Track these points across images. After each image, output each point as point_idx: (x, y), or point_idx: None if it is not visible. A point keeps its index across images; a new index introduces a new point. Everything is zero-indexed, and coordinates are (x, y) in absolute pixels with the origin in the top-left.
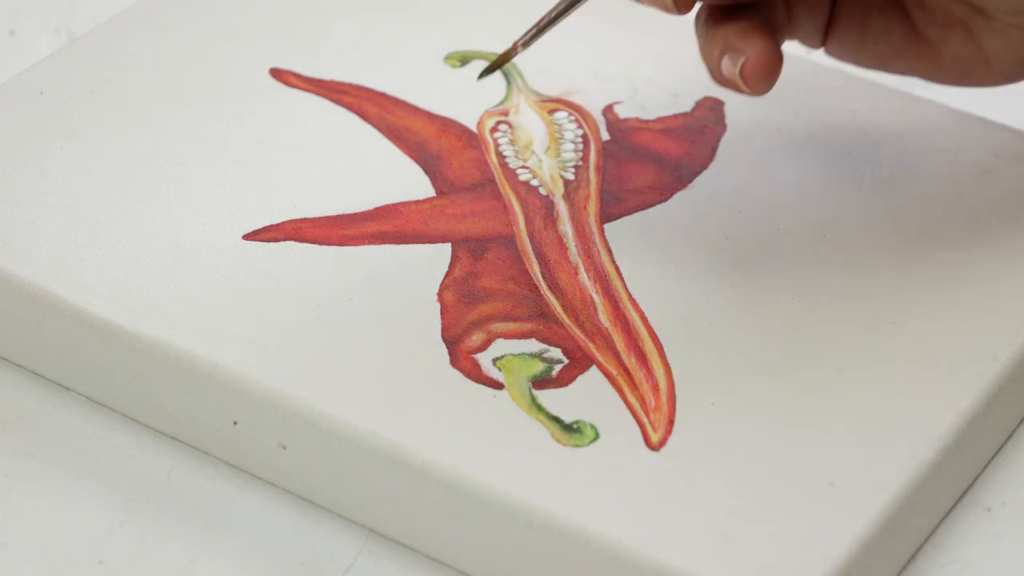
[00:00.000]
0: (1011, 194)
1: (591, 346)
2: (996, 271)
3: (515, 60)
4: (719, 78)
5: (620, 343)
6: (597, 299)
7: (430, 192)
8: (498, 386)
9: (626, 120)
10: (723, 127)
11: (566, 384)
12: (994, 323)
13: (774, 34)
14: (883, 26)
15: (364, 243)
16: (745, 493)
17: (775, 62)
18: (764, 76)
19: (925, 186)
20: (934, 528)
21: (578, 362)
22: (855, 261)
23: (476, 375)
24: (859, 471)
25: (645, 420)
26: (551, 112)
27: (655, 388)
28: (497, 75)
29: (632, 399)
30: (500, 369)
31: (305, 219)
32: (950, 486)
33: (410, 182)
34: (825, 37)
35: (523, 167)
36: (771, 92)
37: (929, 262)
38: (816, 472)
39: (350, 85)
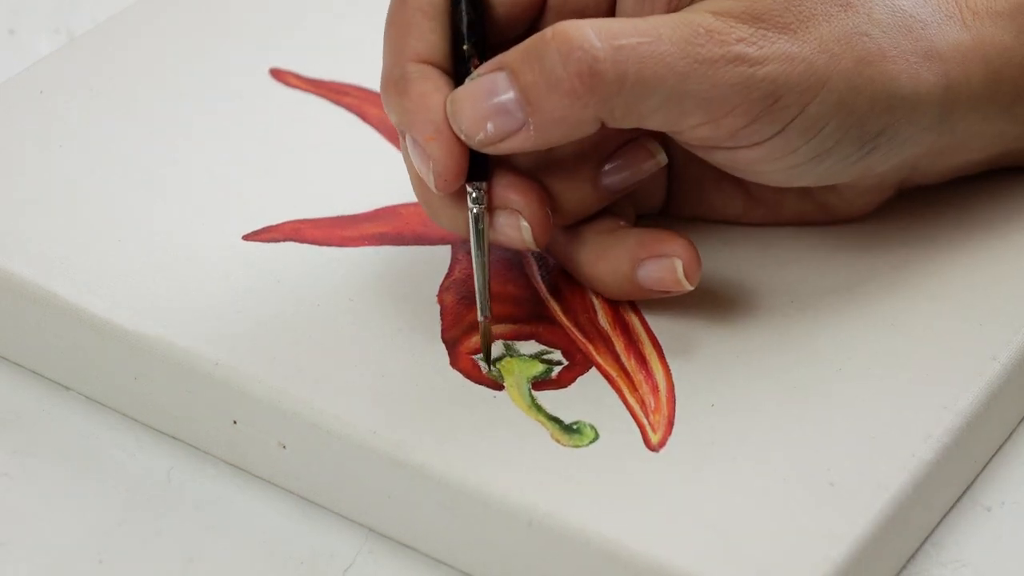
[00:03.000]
0: (1011, 194)
1: (591, 348)
2: (996, 271)
3: None
4: (635, 291)
5: (619, 345)
6: (596, 302)
7: None
8: (498, 387)
9: None
10: None
11: (566, 385)
12: (993, 323)
13: (682, 234)
14: (719, 194)
15: (364, 244)
16: (745, 493)
17: (694, 246)
18: (698, 265)
19: (920, 187)
20: (934, 527)
21: (578, 364)
22: (854, 261)
23: (476, 376)
24: (859, 471)
25: (645, 421)
26: None
27: (655, 390)
28: None
29: (632, 400)
30: (500, 370)
31: (305, 220)
32: (950, 486)
33: (410, 183)
34: (666, 203)
35: None
36: None
37: (928, 262)
38: (816, 472)
39: (350, 86)
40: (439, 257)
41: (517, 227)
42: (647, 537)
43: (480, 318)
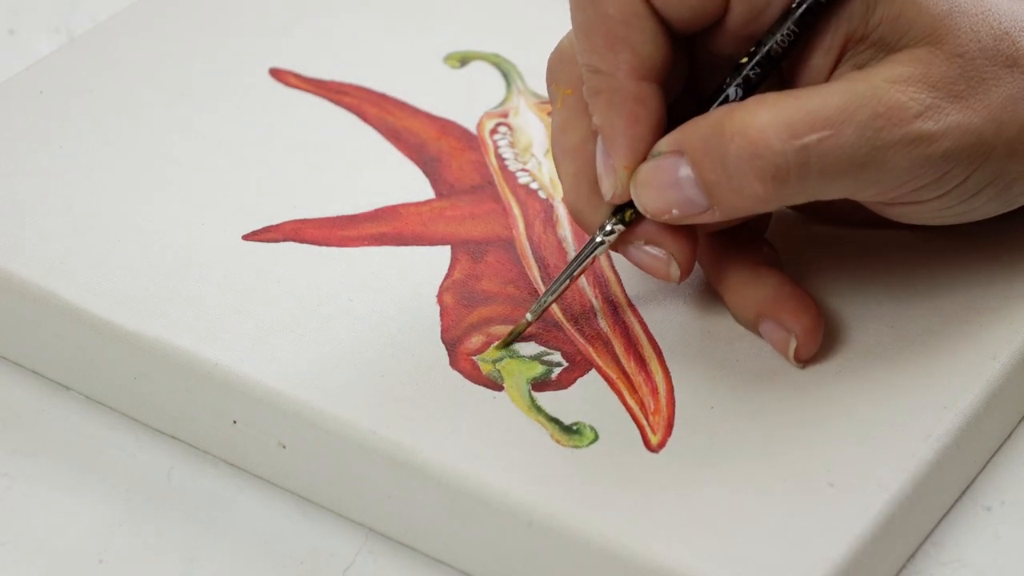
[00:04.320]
0: None
1: (590, 350)
2: (995, 271)
3: (514, 61)
4: (752, 331)
5: (619, 348)
6: (596, 304)
7: (429, 194)
8: (498, 388)
9: None
10: None
11: (565, 386)
12: (993, 323)
13: (804, 295)
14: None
15: (363, 244)
16: (745, 493)
17: (820, 329)
18: (813, 348)
19: None
20: (934, 527)
21: (577, 365)
22: (854, 261)
23: (476, 377)
24: (858, 471)
25: (644, 422)
26: (551, 114)
27: (654, 392)
28: (496, 75)
29: (631, 402)
30: (500, 371)
31: (305, 220)
32: (949, 485)
33: (409, 184)
34: None
35: (523, 170)
36: None
37: (928, 262)
38: (815, 472)
39: (350, 85)
40: (439, 257)
41: (666, 265)
42: (647, 537)
43: (528, 316)
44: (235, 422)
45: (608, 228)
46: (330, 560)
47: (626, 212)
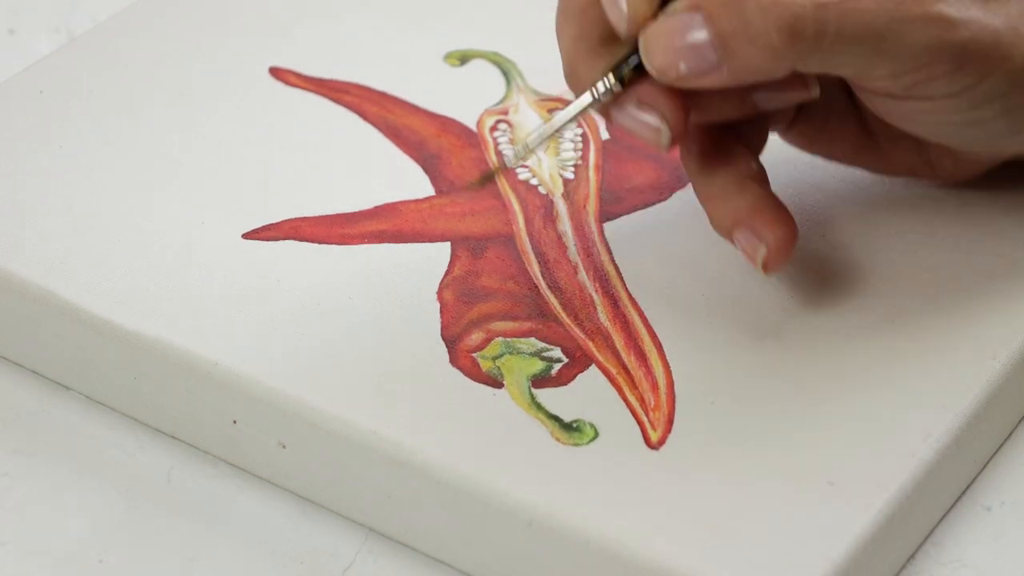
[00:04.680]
0: (1010, 193)
1: (590, 345)
2: (995, 271)
3: (515, 59)
4: (728, 239)
5: (619, 342)
6: (596, 298)
7: (429, 191)
8: (498, 385)
9: None
10: None
11: (566, 383)
12: (993, 323)
13: (783, 209)
14: (840, 128)
15: (363, 242)
16: (745, 492)
17: (792, 245)
18: (783, 262)
19: (924, 185)
20: (934, 527)
21: (577, 361)
22: (854, 260)
23: (476, 374)
24: (858, 471)
25: (644, 419)
26: (550, 111)
27: (654, 387)
28: (496, 73)
29: (631, 398)
30: (500, 368)
31: (304, 218)
32: (949, 485)
33: (409, 181)
34: (791, 124)
35: (522, 166)
36: None
37: (928, 261)
38: (815, 471)
39: (350, 84)
40: (439, 254)
41: (657, 130)
42: (647, 536)
43: (511, 158)
44: (235, 422)
45: (602, 88)
46: (330, 560)
47: (624, 70)
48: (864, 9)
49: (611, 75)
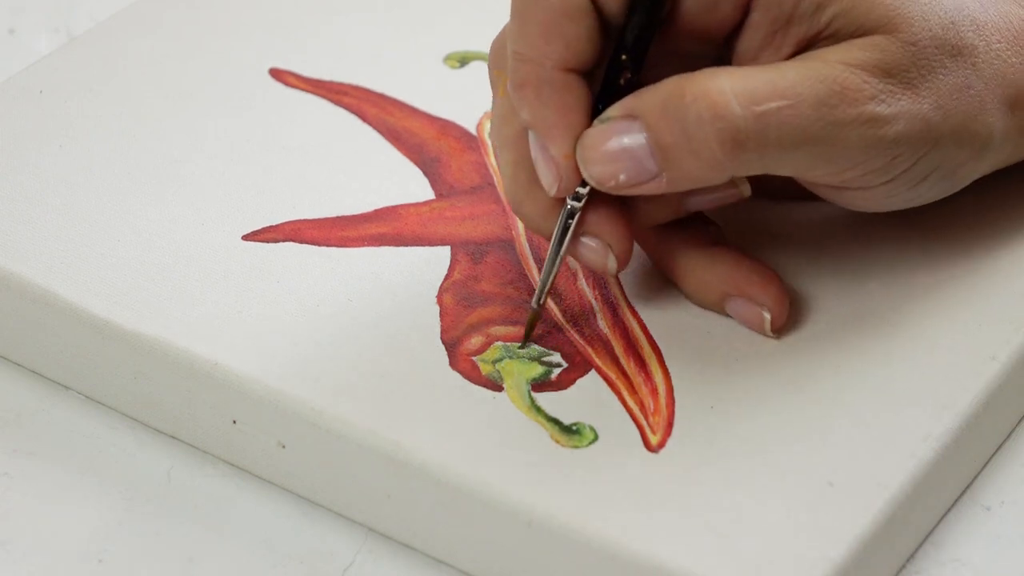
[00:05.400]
0: (1010, 193)
1: (590, 351)
2: (995, 271)
3: None
4: (717, 311)
5: (619, 348)
6: (596, 305)
7: (429, 194)
8: (497, 388)
9: None
10: None
11: (565, 387)
12: (993, 323)
13: (760, 263)
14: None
15: (363, 245)
16: (744, 493)
17: (786, 295)
18: (787, 316)
19: None
20: (933, 527)
21: (577, 366)
22: (854, 261)
23: (475, 377)
24: (858, 471)
25: (644, 423)
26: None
27: (654, 392)
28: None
29: (631, 402)
30: (499, 372)
31: (304, 220)
32: (949, 485)
33: (409, 184)
34: None
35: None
36: None
37: (928, 261)
38: (815, 472)
39: (350, 86)
40: (439, 258)
41: (604, 257)
42: (647, 537)
43: (534, 305)
44: (235, 422)
45: (574, 199)
46: (330, 560)
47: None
48: (802, 115)
49: (571, 202)
